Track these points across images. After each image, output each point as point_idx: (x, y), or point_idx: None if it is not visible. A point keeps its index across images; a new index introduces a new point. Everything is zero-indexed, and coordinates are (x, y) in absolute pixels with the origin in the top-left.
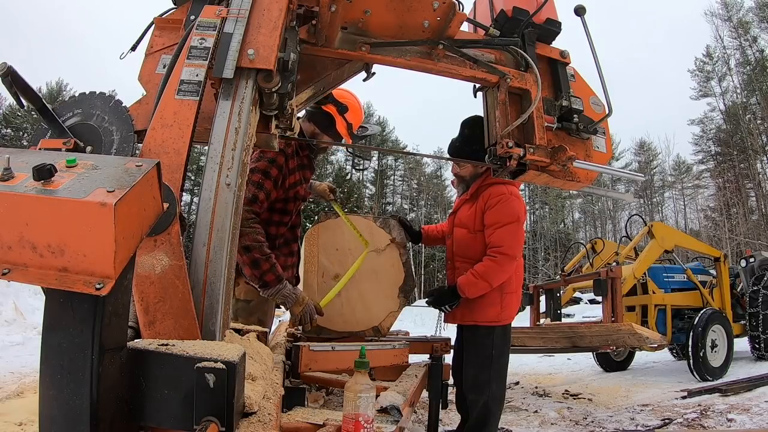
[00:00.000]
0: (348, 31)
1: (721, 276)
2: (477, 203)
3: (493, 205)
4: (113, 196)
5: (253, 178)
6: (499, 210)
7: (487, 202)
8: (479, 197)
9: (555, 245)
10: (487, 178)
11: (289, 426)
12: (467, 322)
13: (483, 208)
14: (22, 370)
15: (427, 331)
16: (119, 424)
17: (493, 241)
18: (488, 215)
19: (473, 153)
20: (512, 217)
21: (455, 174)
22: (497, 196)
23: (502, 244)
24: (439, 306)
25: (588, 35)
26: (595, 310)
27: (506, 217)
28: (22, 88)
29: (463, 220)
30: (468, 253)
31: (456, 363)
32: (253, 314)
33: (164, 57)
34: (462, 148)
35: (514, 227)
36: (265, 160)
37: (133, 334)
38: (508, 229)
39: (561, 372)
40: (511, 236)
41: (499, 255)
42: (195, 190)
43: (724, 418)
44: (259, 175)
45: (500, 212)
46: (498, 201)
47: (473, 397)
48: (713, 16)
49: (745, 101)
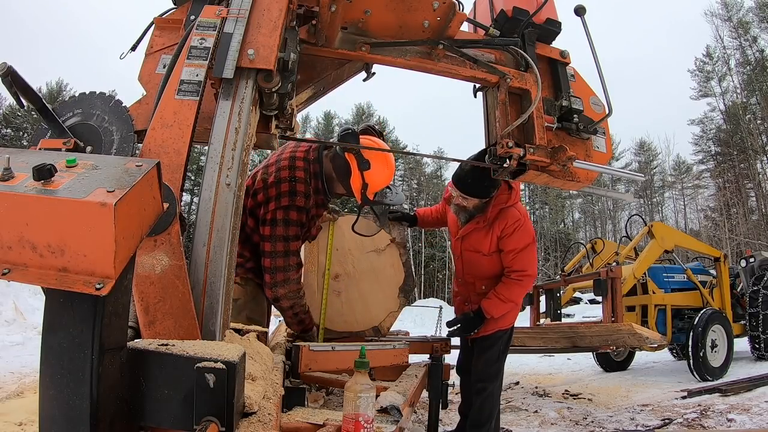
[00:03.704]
0: (348, 31)
1: (721, 276)
2: (492, 230)
3: (510, 233)
4: (113, 196)
5: (291, 248)
6: (517, 236)
7: (503, 230)
8: (494, 224)
9: (555, 245)
10: (496, 203)
11: (289, 426)
12: (490, 331)
13: (499, 235)
14: (22, 370)
15: (427, 331)
16: (119, 424)
17: (517, 265)
18: (508, 242)
19: (484, 189)
20: (529, 239)
21: (459, 206)
22: (513, 224)
23: (526, 267)
24: (469, 333)
25: (588, 35)
26: (595, 310)
27: (524, 242)
28: (22, 88)
29: (475, 246)
30: (481, 272)
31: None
32: (242, 312)
33: (164, 57)
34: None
35: (531, 248)
36: (293, 226)
37: (133, 334)
38: (527, 251)
39: (561, 372)
40: (530, 258)
41: (524, 278)
42: (195, 190)
43: (724, 418)
44: (294, 243)
45: (519, 239)
46: (514, 229)
47: (482, 386)
48: (713, 16)
49: (745, 101)
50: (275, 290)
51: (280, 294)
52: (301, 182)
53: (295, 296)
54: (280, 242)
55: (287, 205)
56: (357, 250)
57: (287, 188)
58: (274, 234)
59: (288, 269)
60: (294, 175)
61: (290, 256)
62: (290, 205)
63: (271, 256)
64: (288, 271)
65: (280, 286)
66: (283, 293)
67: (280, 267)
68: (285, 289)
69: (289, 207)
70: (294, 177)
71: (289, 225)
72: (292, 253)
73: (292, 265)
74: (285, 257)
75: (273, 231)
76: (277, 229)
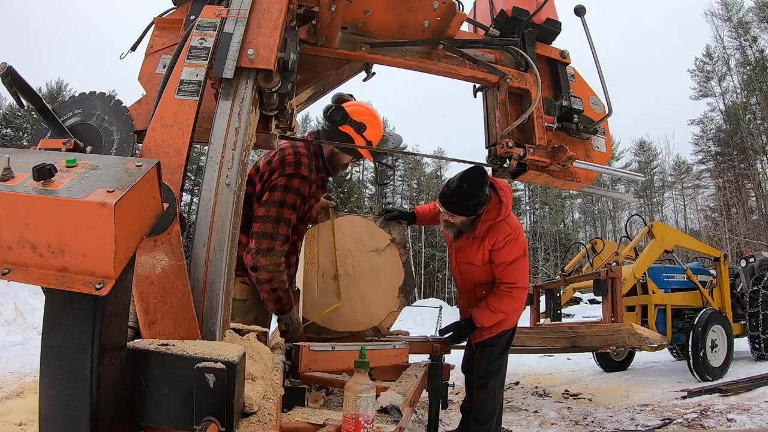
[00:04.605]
0: (348, 31)
1: (721, 276)
2: (483, 245)
3: (501, 247)
4: (113, 196)
5: (284, 215)
6: (507, 250)
7: (494, 245)
8: (484, 240)
9: (555, 245)
10: (485, 219)
11: (289, 426)
12: (494, 333)
13: (490, 249)
14: (22, 370)
15: (427, 331)
16: (119, 424)
17: (507, 278)
18: (498, 256)
19: (470, 208)
20: (519, 252)
21: (447, 222)
22: (504, 239)
23: (516, 280)
24: (461, 341)
25: (588, 35)
26: (595, 310)
27: (514, 255)
28: (22, 88)
29: (468, 259)
30: (479, 279)
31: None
32: (249, 313)
33: (164, 57)
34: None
35: (522, 260)
36: (293, 193)
37: (133, 334)
38: (518, 264)
39: (561, 372)
40: (521, 270)
41: (514, 290)
42: (195, 190)
43: (724, 418)
44: (289, 211)
45: (509, 252)
46: (505, 243)
47: (483, 381)
48: (713, 16)
49: (745, 101)
50: (256, 258)
51: (260, 264)
52: (305, 156)
53: (276, 269)
54: (274, 207)
55: (291, 173)
56: (357, 250)
57: (292, 160)
58: (271, 198)
59: (275, 237)
60: (298, 151)
61: (281, 224)
62: (294, 173)
63: (261, 221)
64: (274, 239)
65: (263, 255)
66: (264, 263)
67: (267, 233)
68: (267, 260)
69: (293, 175)
70: (298, 152)
71: (288, 191)
72: (284, 221)
73: (280, 234)
74: (275, 223)
75: (271, 196)
76: (275, 194)
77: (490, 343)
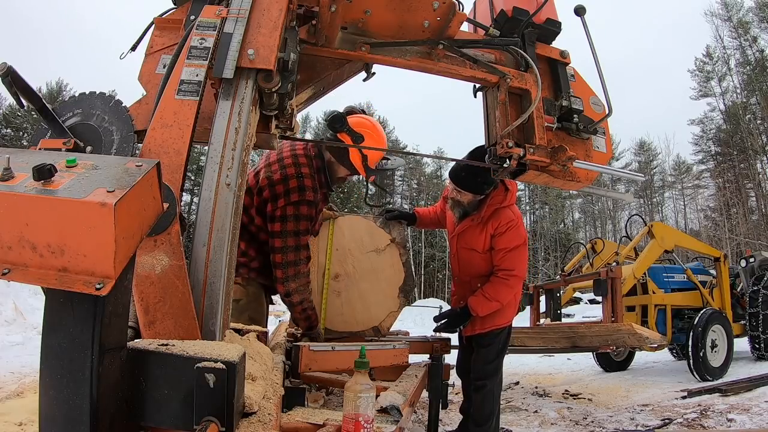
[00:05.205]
0: (348, 31)
1: (721, 276)
2: (486, 228)
3: (503, 231)
4: (113, 196)
5: (301, 242)
6: (509, 236)
7: (496, 228)
8: (488, 223)
9: (555, 245)
10: (491, 203)
11: (289, 426)
12: (487, 328)
13: (492, 233)
14: (22, 370)
15: (427, 331)
16: (119, 424)
17: (505, 264)
18: (499, 241)
19: (478, 185)
20: (520, 241)
21: (454, 200)
22: (506, 224)
23: (514, 267)
24: (455, 328)
25: (588, 35)
26: (595, 310)
27: (515, 242)
28: (22, 88)
29: (470, 243)
30: (477, 270)
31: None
32: (243, 313)
33: (164, 57)
34: (468, 179)
35: (522, 249)
36: (304, 220)
37: (133, 334)
38: (517, 252)
39: (561, 372)
40: (520, 259)
41: (510, 278)
42: (195, 190)
43: (724, 418)
44: (305, 238)
45: (510, 238)
46: (507, 228)
47: (481, 383)
48: (713, 16)
49: (745, 101)
50: (287, 285)
51: (291, 288)
52: (308, 177)
53: (305, 290)
54: (291, 237)
55: (297, 201)
56: (357, 250)
57: (296, 184)
58: (285, 230)
59: (299, 263)
60: (300, 171)
61: (301, 251)
62: (300, 200)
63: (282, 252)
64: (299, 265)
65: (291, 280)
66: (294, 287)
67: (291, 261)
68: (296, 283)
69: (300, 202)
70: (301, 173)
71: (299, 220)
72: (303, 247)
73: (303, 258)
74: (296, 251)
75: (284, 227)
76: (288, 225)
77: (486, 342)
